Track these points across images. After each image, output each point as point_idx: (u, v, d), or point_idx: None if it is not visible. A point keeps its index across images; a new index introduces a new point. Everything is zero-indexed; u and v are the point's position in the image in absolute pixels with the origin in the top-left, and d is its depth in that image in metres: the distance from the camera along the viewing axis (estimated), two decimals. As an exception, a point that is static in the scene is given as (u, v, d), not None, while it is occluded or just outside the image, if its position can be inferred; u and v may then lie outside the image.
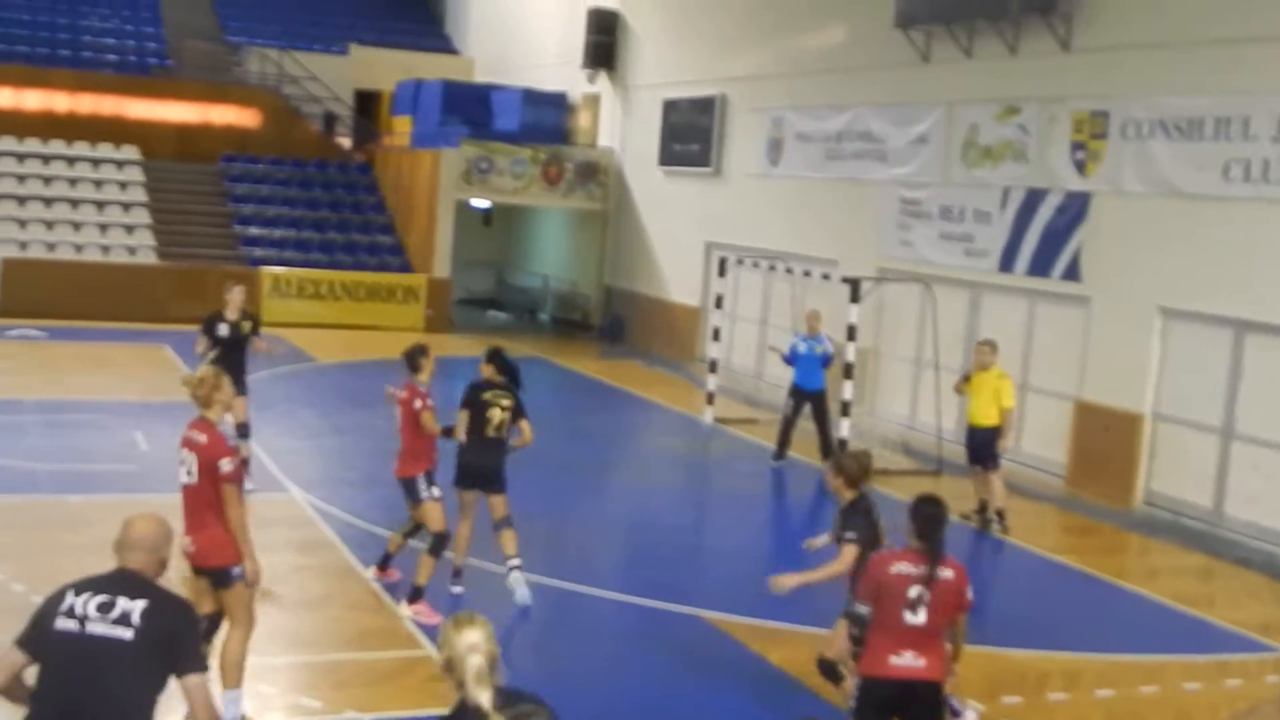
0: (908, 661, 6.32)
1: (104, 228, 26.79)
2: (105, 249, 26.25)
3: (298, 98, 32.00)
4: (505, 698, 4.26)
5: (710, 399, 19.00)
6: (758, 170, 22.70)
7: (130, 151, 28.63)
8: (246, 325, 13.26)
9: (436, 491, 10.10)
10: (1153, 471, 14.99)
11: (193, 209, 28.16)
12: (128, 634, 4.77)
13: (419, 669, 8.88)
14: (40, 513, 11.99)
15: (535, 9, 32.26)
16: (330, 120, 32.66)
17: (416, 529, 10.46)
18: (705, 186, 24.56)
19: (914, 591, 6.28)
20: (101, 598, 4.84)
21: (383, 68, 33.39)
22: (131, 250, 26.40)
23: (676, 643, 9.74)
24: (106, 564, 7.59)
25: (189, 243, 26.94)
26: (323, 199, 29.59)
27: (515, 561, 10.29)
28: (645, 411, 20.39)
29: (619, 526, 13.42)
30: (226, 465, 7.44)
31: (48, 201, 27.03)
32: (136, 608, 4.82)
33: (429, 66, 32.81)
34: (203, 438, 7.51)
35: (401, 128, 31.02)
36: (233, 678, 7.60)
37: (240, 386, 12.68)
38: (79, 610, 4.80)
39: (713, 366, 19.36)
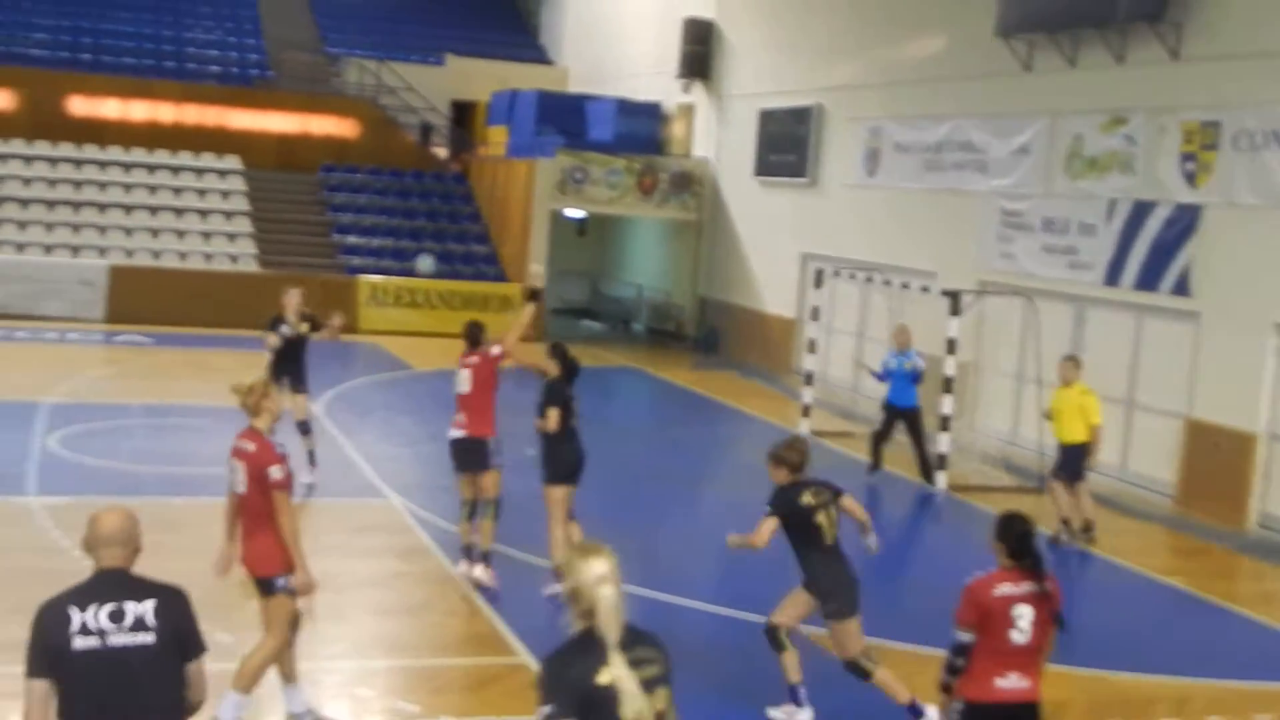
0: (1013, 683, 6.26)
1: (207, 236, 27.38)
2: (208, 257, 26.82)
3: (395, 108, 32.45)
4: (628, 635, 4.21)
5: (806, 412, 18.91)
6: (855, 181, 22.58)
7: (232, 161, 29.24)
8: (304, 326, 13.88)
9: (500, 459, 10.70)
10: (1267, 493, 14.64)
11: (292, 218, 28.68)
12: (149, 638, 4.80)
13: (516, 675, 8.93)
14: (143, 514, 12.24)
15: (630, 19, 32.40)
16: (426, 130, 33.07)
17: (474, 508, 10.72)
18: (801, 197, 24.47)
19: (1019, 611, 6.21)
20: (109, 607, 4.77)
21: (478, 78, 33.75)
22: (233, 258, 26.94)
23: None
24: (205, 565, 7.81)
25: (289, 251, 27.43)
26: (419, 208, 29.97)
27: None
28: (740, 423, 20.34)
29: (712, 538, 13.36)
30: (276, 472, 7.44)
31: (153, 210, 27.70)
32: (148, 610, 4.83)
33: (524, 77, 33.09)
34: (251, 446, 7.55)
35: (497, 138, 31.31)
36: (245, 683, 7.59)
37: (301, 385, 13.72)
38: (92, 625, 4.72)
39: (808, 379, 19.26)
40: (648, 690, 4.15)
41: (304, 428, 13.82)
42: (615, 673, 4.09)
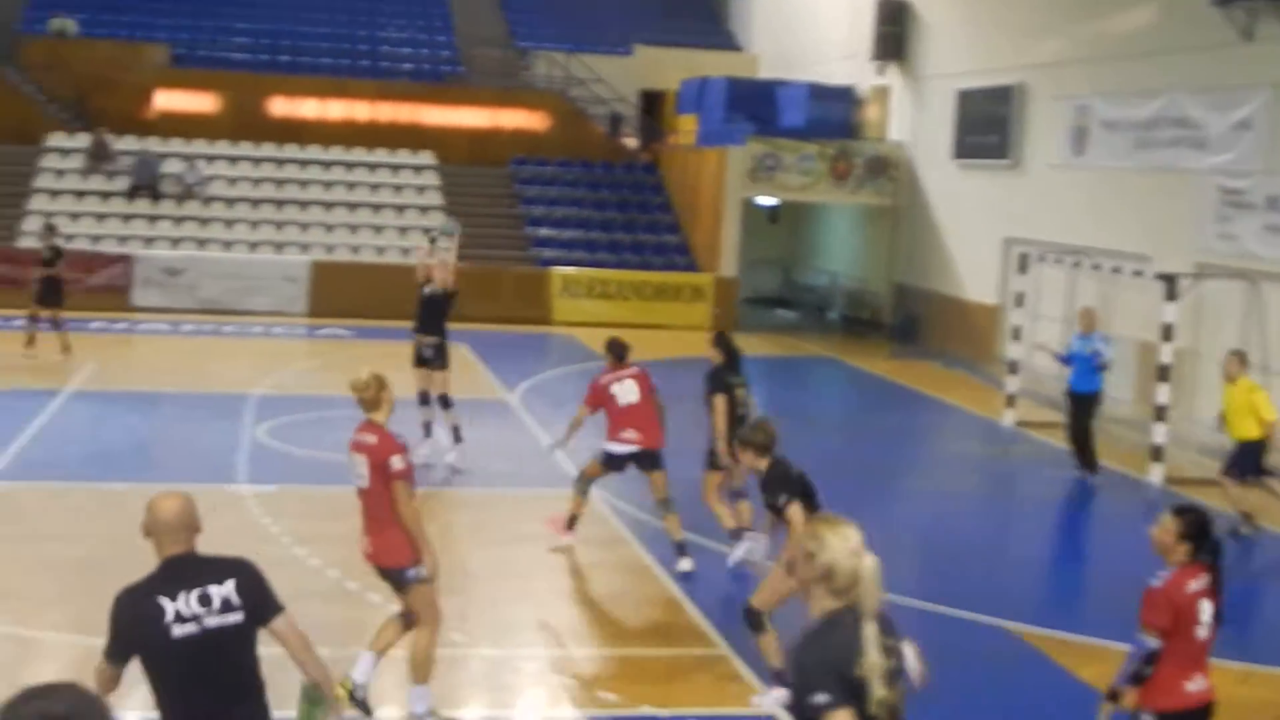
0: (1200, 685, 6.11)
1: (403, 230, 28.18)
2: (405, 251, 27.58)
3: (584, 100, 32.85)
4: (882, 620, 4.03)
5: (1010, 401, 18.51)
6: (1060, 161, 21.97)
7: (426, 157, 30.02)
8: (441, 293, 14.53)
9: None
10: None
11: (485, 212, 29.29)
12: (239, 616, 5.05)
13: (715, 666, 8.99)
14: (350, 503, 12.70)
15: (821, 1, 32.13)
16: (616, 121, 33.36)
17: (589, 484, 11.31)
18: (1003, 179, 23.94)
19: (1202, 606, 6.06)
20: (195, 592, 4.99)
21: (667, 67, 33.89)
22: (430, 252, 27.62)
23: (977, 654, 9.52)
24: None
25: (482, 244, 28.00)
26: (610, 199, 30.29)
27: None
28: (941, 414, 20.03)
29: (914, 531, 13.21)
30: (397, 463, 7.52)
31: (351, 206, 28.64)
32: (230, 590, 5.05)
33: (713, 64, 33.11)
34: (372, 439, 7.66)
35: (686, 126, 31.42)
36: (422, 673, 7.76)
37: (442, 360, 14.30)
38: (186, 612, 4.94)
39: (1013, 368, 18.85)
40: (889, 684, 3.97)
41: (445, 401, 14.27)
42: (870, 659, 3.89)
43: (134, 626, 4.97)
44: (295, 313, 25.44)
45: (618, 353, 11.39)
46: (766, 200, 29.32)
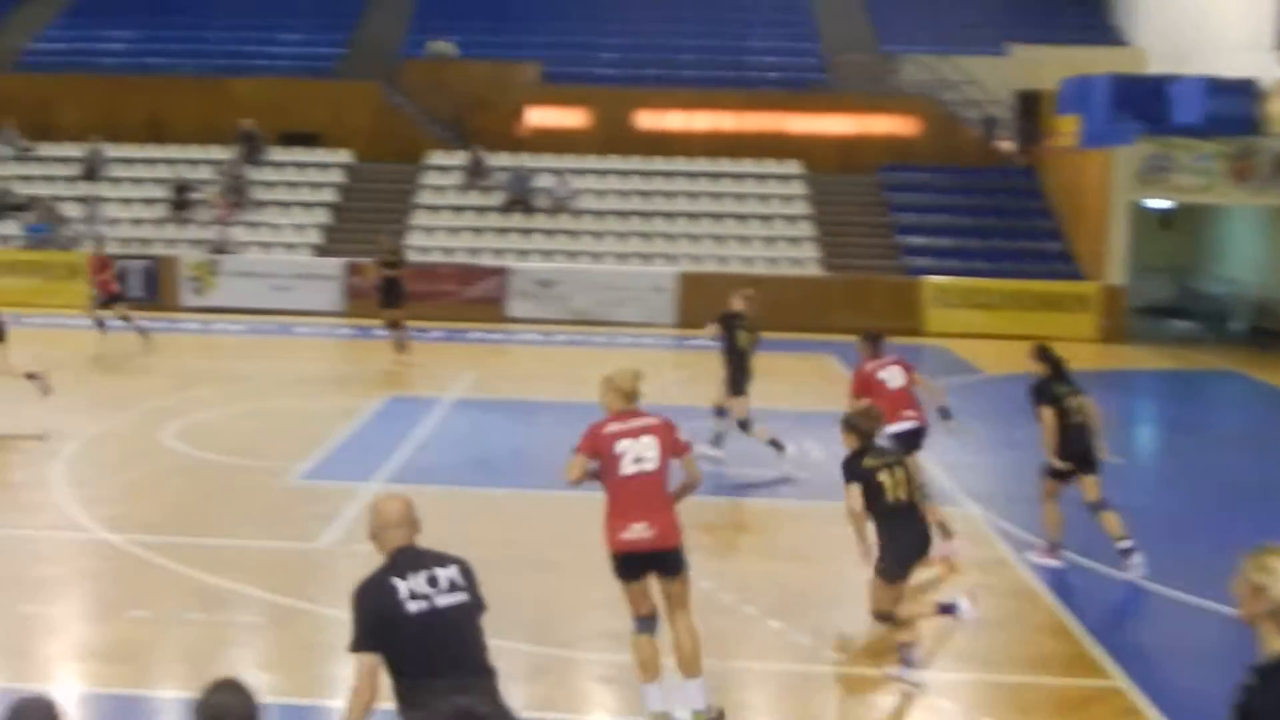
0: None
1: (770, 241, 28.39)
2: (772, 261, 27.79)
3: (956, 103, 32.20)
4: None
5: None
6: None
7: (793, 166, 30.16)
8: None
9: None
10: None
11: (854, 220, 29.15)
12: (464, 596, 5.59)
13: (1111, 699, 8.54)
14: (737, 514, 12.86)
15: (1217, -12, 30.35)
16: (990, 124, 32.54)
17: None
18: None
19: None
20: (423, 575, 5.53)
21: (1045, 66, 32.71)
22: (797, 262, 27.77)
23: None
24: (791, 567, 7.95)
25: (851, 254, 27.92)
26: (985, 205, 29.57)
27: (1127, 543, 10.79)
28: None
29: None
30: (683, 433, 7.87)
31: (717, 217, 29.09)
32: (454, 573, 5.61)
33: (1095, 61, 31.72)
34: (652, 419, 7.92)
35: (1067, 128, 30.23)
36: (697, 666, 7.69)
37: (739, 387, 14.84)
38: (418, 591, 5.48)
39: None
40: None
41: (744, 425, 14.81)
42: None
43: (375, 609, 5.48)
44: (663, 323, 26.02)
45: (875, 340, 12.22)
46: (1158, 203, 27.87)
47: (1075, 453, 10.89)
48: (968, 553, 11.53)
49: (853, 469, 8.65)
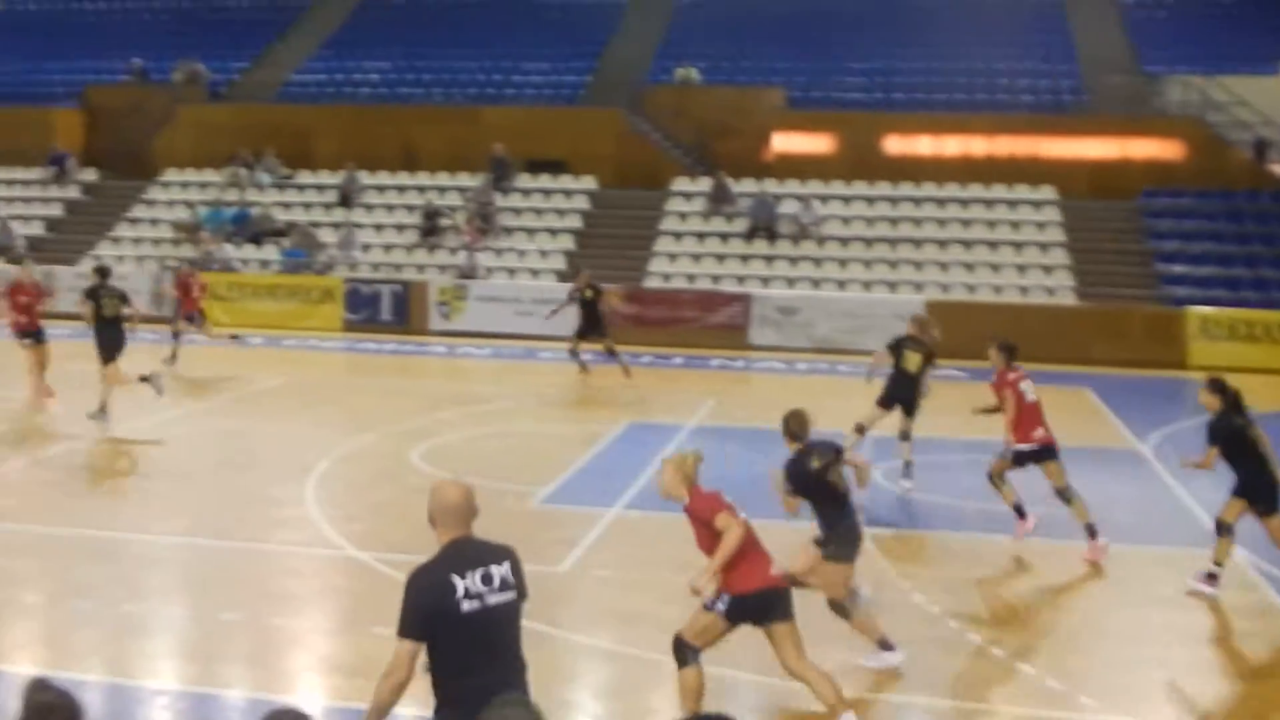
0: None
1: (1022, 269, 27.73)
2: (1023, 290, 27.12)
3: (1223, 125, 30.87)
4: None
5: None
6: None
7: (1046, 191, 29.43)
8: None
9: None
10: None
11: (1111, 248, 28.24)
12: (513, 594, 5.70)
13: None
14: (968, 550, 12.56)
15: None
16: (1262, 147, 31.07)
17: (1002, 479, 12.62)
18: None
19: None
20: (479, 572, 5.61)
21: (1321, 85, 31.16)
22: (1050, 290, 27.04)
23: None
24: (1103, 605, 7.64)
25: (1107, 282, 27.03)
26: (1254, 232, 28.26)
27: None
28: None
29: None
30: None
31: (967, 244, 28.58)
32: (506, 570, 5.70)
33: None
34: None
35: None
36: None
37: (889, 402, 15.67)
38: (473, 590, 5.57)
39: None
40: None
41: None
42: None
43: (430, 604, 5.55)
44: (907, 353, 25.56)
45: (1010, 351, 12.86)
46: None
47: (1260, 486, 11.01)
48: (1231, 598, 10.99)
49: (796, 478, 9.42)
